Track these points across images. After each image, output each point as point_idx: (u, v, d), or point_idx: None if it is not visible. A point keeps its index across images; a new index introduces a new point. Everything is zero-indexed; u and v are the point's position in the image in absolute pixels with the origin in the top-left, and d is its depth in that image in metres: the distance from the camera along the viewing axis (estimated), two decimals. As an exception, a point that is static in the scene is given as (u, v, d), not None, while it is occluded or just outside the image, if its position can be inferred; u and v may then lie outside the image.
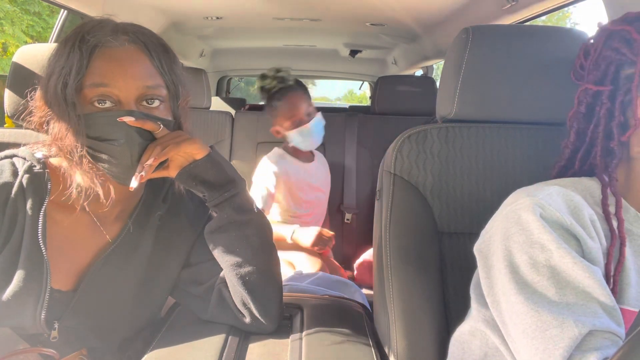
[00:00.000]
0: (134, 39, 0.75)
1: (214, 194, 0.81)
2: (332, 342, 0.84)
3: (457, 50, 0.90)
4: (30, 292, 0.73)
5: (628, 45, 0.67)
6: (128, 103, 0.73)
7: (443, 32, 2.21)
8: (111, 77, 0.72)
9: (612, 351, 0.53)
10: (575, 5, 1.46)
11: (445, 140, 0.91)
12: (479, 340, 0.74)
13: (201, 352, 0.77)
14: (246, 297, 0.82)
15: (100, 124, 0.72)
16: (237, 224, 0.82)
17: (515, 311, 0.60)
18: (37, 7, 9.31)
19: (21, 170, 0.76)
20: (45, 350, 0.74)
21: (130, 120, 0.71)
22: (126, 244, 0.83)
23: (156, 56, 0.77)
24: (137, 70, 0.74)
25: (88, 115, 0.72)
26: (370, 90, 4.63)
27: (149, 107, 0.75)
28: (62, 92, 0.71)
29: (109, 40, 0.73)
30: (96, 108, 0.72)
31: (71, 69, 0.71)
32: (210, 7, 2.17)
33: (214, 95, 4.10)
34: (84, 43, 0.72)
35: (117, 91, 0.72)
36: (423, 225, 0.90)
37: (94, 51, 0.72)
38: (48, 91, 0.73)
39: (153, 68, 0.76)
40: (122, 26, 0.76)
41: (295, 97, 1.67)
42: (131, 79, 0.73)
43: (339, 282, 1.37)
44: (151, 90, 0.75)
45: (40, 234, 0.74)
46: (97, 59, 0.72)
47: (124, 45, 0.74)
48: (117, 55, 0.73)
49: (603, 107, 0.70)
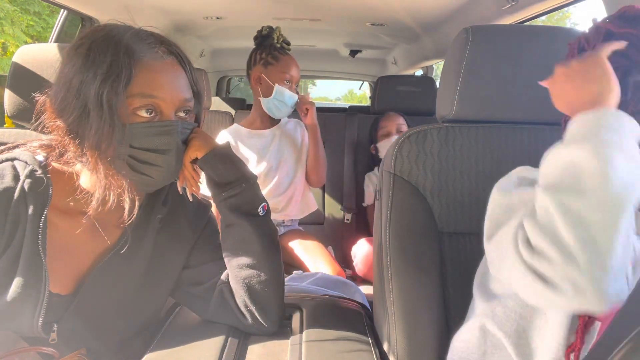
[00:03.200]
0: (172, 51, 0.79)
1: (214, 192, 0.84)
2: (332, 342, 0.83)
3: (457, 50, 0.90)
4: (28, 298, 0.73)
5: (636, 49, 0.64)
6: (169, 114, 0.76)
7: (443, 32, 2.21)
8: (160, 89, 0.74)
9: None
10: (575, 5, 1.46)
11: (445, 140, 0.91)
12: (477, 339, 0.74)
13: (201, 352, 0.77)
14: (248, 299, 0.83)
15: (150, 134, 0.74)
16: (236, 226, 0.83)
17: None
18: (37, 7, 9.31)
19: (23, 174, 0.76)
20: (44, 349, 0.74)
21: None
22: (126, 247, 0.83)
23: (189, 68, 0.81)
24: (179, 83, 0.78)
25: (134, 125, 0.72)
26: (370, 90, 4.63)
27: (182, 117, 0.79)
28: (108, 101, 0.70)
29: (156, 51, 0.76)
30: (140, 118, 0.74)
31: (119, 77, 0.71)
32: (210, 7, 2.17)
33: (214, 95, 4.11)
34: (130, 52, 0.72)
35: (161, 102, 0.75)
36: (423, 225, 0.90)
37: (141, 60, 0.73)
38: (81, 98, 0.71)
39: (187, 80, 0.80)
40: (161, 38, 0.79)
41: (296, 62, 1.71)
42: (175, 91, 0.76)
43: (338, 282, 1.37)
44: (187, 102, 0.79)
45: (40, 240, 0.74)
46: (144, 69, 0.73)
47: (168, 57, 0.77)
48: (164, 67, 0.76)
49: None
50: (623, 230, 0.50)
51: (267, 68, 1.67)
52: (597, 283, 0.49)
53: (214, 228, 0.93)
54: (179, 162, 0.79)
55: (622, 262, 0.50)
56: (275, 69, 1.66)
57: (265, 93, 1.68)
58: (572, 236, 0.51)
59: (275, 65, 1.66)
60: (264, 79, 1.67)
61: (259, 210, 0.84)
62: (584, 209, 0.51)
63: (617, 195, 0.51)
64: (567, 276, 0.51)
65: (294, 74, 1.68)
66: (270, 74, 1.66)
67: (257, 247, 0.83)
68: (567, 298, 0.52)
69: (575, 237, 0.51)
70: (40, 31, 9.47)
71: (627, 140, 0.55)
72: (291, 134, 1.79)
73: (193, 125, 0.82)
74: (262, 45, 1.70)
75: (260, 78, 1.68)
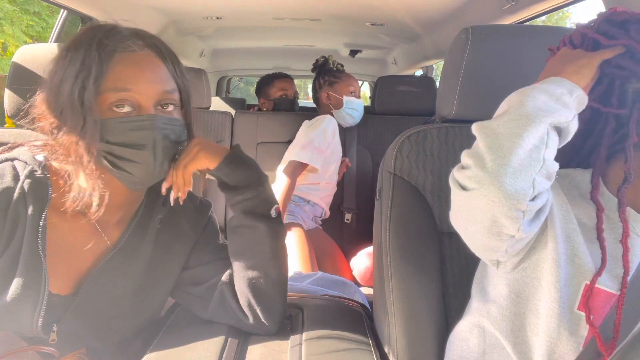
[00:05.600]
0: (149, 43, 0.76)
1: (228, 195, 0.83)
2: (332, 343, 0.83)
3: (457, 50, 0.90)
4: (27, 298, 0.73)
5: (634, 59, 0.64)
6: (147, 108, 0.73)
7: (443, 32, 2.21)
8: (133, 82, 0.72)
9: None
10: (575, 5, 1.46)
11: (445, 140, 0.91)
12: (476, 338, 0.75)
13: (201, 352, 0.77)
14: (252, 299, 0.82)
15: (126, 129, 0.72)
16: (248, 228, 0.82)
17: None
18: (37, 7, 9.32)
19: (22, 174, 0.76)
20: (44, 348, 0.74)
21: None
22: (126, 248, 0.82)
23: (170, 61, 0.78)
24: (156, 75, 0.75)
25: (110, 120, 0.71)
26: (370, 90, 4.63)
27: (164, 110, 0.76)
28: (80, 97, 0.70)
29: (128, 45, 0.73)
30: (116, 113, 0.72)
31: (89, 73, 0.70)
32: (210, 7, 2.17)
33: (214, 95, 4.10)
34: (102, 47, 0.71)
35: (138, 96, 0.73)
36: (423, 225, 0.90)
37: (112, 55, 0.72)
38: (60, 96, 0.72)
39: (168, 73, 0.77)
40: (136, 31, 0.77)
41: (354, 77, 2.10)
42: (151, 83, 0.74)
43: (338, 282, 1.37)
44: (168, 95, 0.76)
45: (39, 240, 0.74)
46: (117, 64, 0.72)
47: (142, 50, 0.75)
48: (137, 59, 0.74)
49: (608, 126, 0.68)
50: (528, 140, 0.59)
51: (333, 86, 2.04)
52: (495, 176, 0.59)
53: (214, 228, 0.93)
54: (163, 158, 0.76)
55: (524, 165, 0.59)
56: (340, 85, 2.03)
57: (336, 106, 2.03)
58: (484, 144, 0.61)
59: (339, 82, 2.04)
60: (333, 95, 2.03)
61: (272, 212, 0.84)
62: (498, 125, 0.62)
63: (527, 114, 0.61)
64: (475, 175, 0.61)
65: (356, 86, 2.06)
66: (337, 90, 2.03)
67: (268, 248, 0.83)
68: (473, 194, 0.61)
69: (486, 144, 0.61)
70: (40, 31, 9.47)
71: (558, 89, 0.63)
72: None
73: (179, 120, 0.79)
74: (323, 72, 2.10)
75: (329, 96, 2.04)
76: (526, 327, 0.69)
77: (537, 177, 0.59)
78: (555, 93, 0.63)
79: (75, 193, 0.74)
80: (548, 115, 0.61)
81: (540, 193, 0.61)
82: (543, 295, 0.66)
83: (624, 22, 0.66)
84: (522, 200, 0.58)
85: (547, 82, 0.65)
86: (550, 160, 0.61)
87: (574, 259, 0.66)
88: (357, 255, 1.88)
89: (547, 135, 0.60)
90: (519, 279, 0.69)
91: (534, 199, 0.60)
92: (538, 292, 0.67)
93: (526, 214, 0.60)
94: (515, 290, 0.70)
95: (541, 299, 0.66)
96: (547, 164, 0.60)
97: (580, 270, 0.65)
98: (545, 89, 0.63)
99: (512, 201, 0.58)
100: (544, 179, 0.60)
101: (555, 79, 0.66)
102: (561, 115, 0.61)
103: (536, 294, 0.67)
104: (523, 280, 0.69)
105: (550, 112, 0.61)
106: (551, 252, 0.66)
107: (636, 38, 0.64)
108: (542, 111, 0.61)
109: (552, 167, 0.61)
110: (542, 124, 0.60)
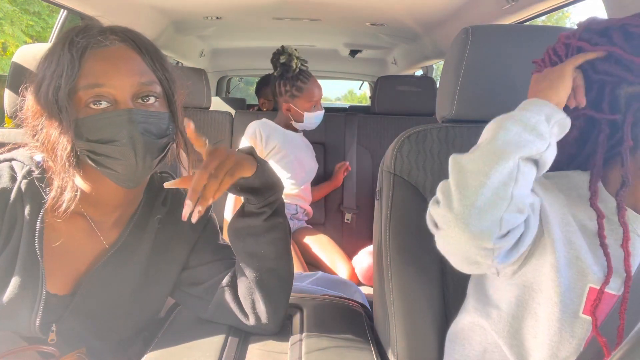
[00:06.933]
0: (123, 37, 0.75)
1: (258, 199, 0.79)
2: (332, 343, 0.83)
3: (457, 50, 0.89)
4: (25, 298, 0.73)
5: (620, 64, 0.64)
6: (124, 101, 0.71)
7: (443, 32, 2.21)
8: (105, 77, 0.71)
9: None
10: (575, 5, 1.46)
11: (445, 140, 0.91)
12: (478, 336, 0.75)
13: (201, 352, 0.77)
14: (259, 299, 0.82)
15: (101, 126, 0.70)
16: (269, 227, 0.81)
17: None
18: (37, 7, 9.31)
19: (20, 175, 0.76)
20: (44, 347, 0.74)
21: (190, 130, 0.70)
22: (124, 248, 0.82)
23: (147, 53, 0.76)
24: (130, 67, 0.73)
25: (86, 118, 0.70)
26: (370, 90, 4.63)
27: (145, 104, 0.74)
28: (54, 97, 0.69)
29: (99, 40, 0.72)
30: (92, 110, 0.71)
31: (62, 73, 0.69)
32: (210, 7, 2.17)
33: (214, 95, 4.10)
34: (73, 45, 0.71)
35: (112, 90, 0.71)
36: (423, 225, 0.89)
37: (84, 53, 0.71)
38: (39, 98, 0.72)
39: (145, 65, 0.75)
40: (110, 27, 0.76)
41: (317, 84, 1.91)
42: (125, 76, 0.72)
43: (338, 282, 1.37)
44: (146, 87, 0.74)
45: (37, 240, 0.74)
46: (89, 60, 0.71)
47: (115, 44, 0.74)
48: (109, 54, 0.72)
49: (602, 133, 0.67)
50: (494, 178, 0.59)
51: (294, 100, 1.88)
52: (461, 218, 0.59)
53: (214, 228, 0.93)
54: (145, 153, 0.72)
55: (490, 205, 0.59)
56: (301, 100, 1.88)
57: (297, 119, 1.91)
58: (453, 181, 0.62)
59: (301, 96, 1.87)
60: (293, 109, 1.89)
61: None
62: (467, 162, 0.62)
63: (496, 150, 0.61)
64: (443, 216, 0.61)
65: (317, 96, 1.90)
66: (298, 104, 1.88)
67: (282, 245, 0.84)
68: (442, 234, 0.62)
69: (455, 182, 0.61)
70: (40, 31, 9.46)
71: (534, 117, 0.63)
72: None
73: (161, 114, 0.75)
74: (284, 77, 1.88)
75: (290, 108, 1.90)
76: (523, 330, 0.68)
77: (505, 215, 0.59)
78: (530, 122, 0.62)
79: (55, 193, 0.73)
80: (518, 149, 0.60)
81: (514, 228, 0.60)
82: (543, 299, 0.66)
83: (606, 30, 0.66)
84: (489, 240, 0.58)
85: (525, 109, 0.65)
86: (519, 197, 0.60)
87: (576, 262, 0.65)
88: (359, 254, 1.88)
89: (517, 169, 0.60)
90: (520, 283, 0.69)
91: (506, 234, 0.60)
92: (538, 296, 0.67)
93: (495, 252, 0.60)
94: (516, 294, 0.70)
95: (541, 303, 0.66)
96: (516, 200, 0.59)
97: (583, 274, 0.65)
98: (520, 119, 0.63)
99: (477, 242, 0.59)
100: (514, 213, 0.60)
101: (536, 102, 0.65)
102: (533, 147, 0.61)
103: (536, 298, 0.67)
104: (523, 284, 0.69)
105: (521, 146, 0.60)
106: (550, 256, 0.65)
107: (619, 44, 0.64)
108: (512, 145, 0.60)
109: (522, 202, 0.60)
110: (511, 159, 0.60)
